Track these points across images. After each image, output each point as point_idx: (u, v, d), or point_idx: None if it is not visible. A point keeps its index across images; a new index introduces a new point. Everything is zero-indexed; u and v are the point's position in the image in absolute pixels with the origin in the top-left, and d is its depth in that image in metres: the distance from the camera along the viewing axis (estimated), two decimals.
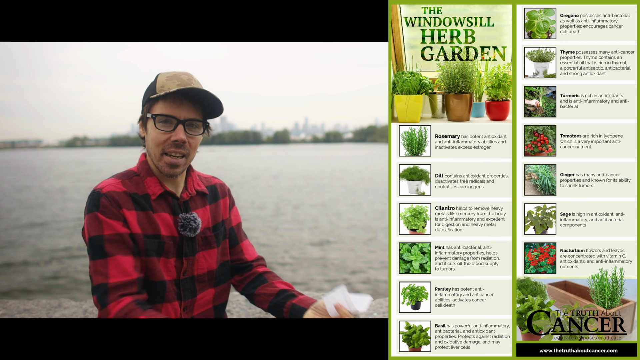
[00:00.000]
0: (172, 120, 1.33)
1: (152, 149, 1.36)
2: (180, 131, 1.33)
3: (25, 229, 12.05)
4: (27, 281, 7.44)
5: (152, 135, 1.34)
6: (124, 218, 1.32)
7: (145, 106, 1.37)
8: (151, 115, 1.34)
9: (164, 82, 1.35)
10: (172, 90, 1.30)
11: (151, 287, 1.34)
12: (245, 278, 1.57)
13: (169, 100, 1.32)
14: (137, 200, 1.35)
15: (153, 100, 1.34)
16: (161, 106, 1.33)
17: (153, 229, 1.35)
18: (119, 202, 1.32)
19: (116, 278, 1.26)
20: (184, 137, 1.33)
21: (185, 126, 1.34)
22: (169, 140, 1.33)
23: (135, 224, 1.33)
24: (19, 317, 2.37)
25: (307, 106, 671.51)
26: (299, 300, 1.45)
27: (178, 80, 1.34)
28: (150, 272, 1.34)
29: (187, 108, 1.34)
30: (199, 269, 1.44)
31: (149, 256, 1.34)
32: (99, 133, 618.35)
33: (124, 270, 1.27)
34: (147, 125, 1.36)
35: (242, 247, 1.59)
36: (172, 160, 1.34)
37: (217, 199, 1.54)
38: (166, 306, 1.37)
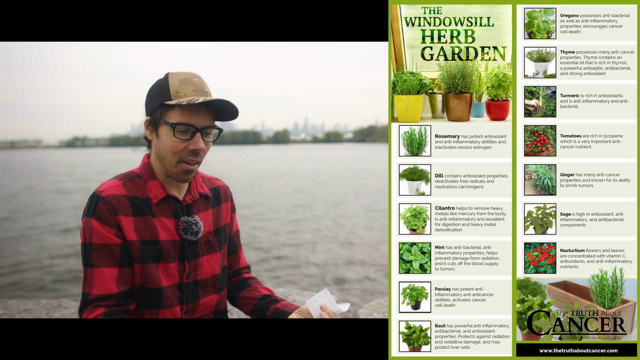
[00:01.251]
0: (191, 128, 1.30)
1: (167, 156, 1.33)
2: (199, 140, 1.31)
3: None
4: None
5: (169, 143, 1.31)
6: (119, 225, 1.31)
7: (157, 110, 1.33)
8: (170, 123, 1.30)
9: (179, 87, 1.31)
10: (199, 101, 1.27)
11: (147, 294, 1.34)
12: (231, 283, 1.60)
13: (187, 108, 1.30)
14: (137, 205, 1.34)
15: (169, 106, 1.31)
16: (178, 114, 1.30)
17: (151, 235, 1.34)
18: (116, 208, 1.31)
19: (97, 290, 1.28)
20: (203, 145, 1.32)
21: (202, 134, 1.32)
22: (186, 149, 1.31)
23: (131, 230, 1.32)
24: (19, 317, 2.38)
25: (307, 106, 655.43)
26: (282, 305, 1.47)
27: (192, 85, 1.32)
28: (146, 279, 1.33)
29: (204, 116, 1.32)
30: (203, 273, 1.43)
31: (145, 263, 1.33)
32: (99, 133, 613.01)
33: (105, 284, 1.28)
34: (160, 130, 1.33)
35: (239, 255, 1.61)
36: (189, 167, 1.33)
37: (220, 202, 1.52)
38: (164, 312, 1.35)
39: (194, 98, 1.29)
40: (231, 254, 1.58)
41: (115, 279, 1.29)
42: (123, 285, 1.30)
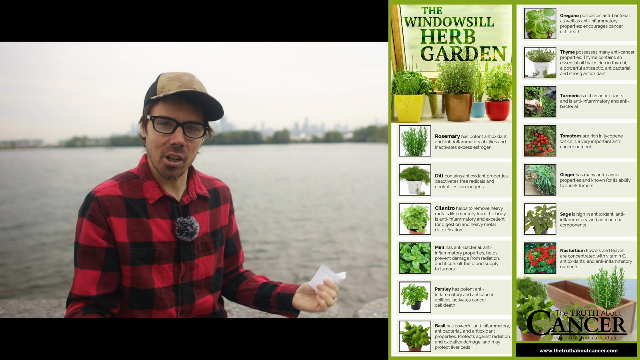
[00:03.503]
0: (172, 122, 1.31)
1: (151, 151, 1.35)
2: (179, 134, 1.31)
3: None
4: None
5: (152, 137, 1.33)
6: (109, 227, 1.31)
7: (145, 107, 1.36)
8: (150, 117, 1.32)
9: (165, 83, 1.33)
10: (171, 93, 1.28)
11: (138, 295, 1.34)
12: (228, 280, 1.60)
13: (169, 102, 1.30)
14: (131, 206, 1.34)
15: (153, 101, 1.33)
16: (161, 108, 1.31)
17: (144, 237, 1.34)
18: (108, 209, 1.31)
19: (77, 291, 1.31)
20: (182, 140, 1.31)
21: (184, 129, 1.32)
22: (167, 143, 1.31)
23: (123, 232, 1.32)
24: (19, 317, 2.38)
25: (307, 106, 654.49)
26: (282, 288, 1.48)
27: (179, 82, 1.32)
28: (137, 280, 1.33)
29: (186, 110, 1.32)
30: (198, 274, 1.42)
31: (136, 265, 1.33)
32: (99, 133, 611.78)
33: (85, 286, 1.30)
34: (148, 126, 1.35)
35: (238, 255, 1.61)
36: (170, 163, 1.33)
37: (219, 204, 1.51)
38: (157, 313, 1.35)
39: (172, 90, 1.30)
40: (230, 255, 1.58)
41: (97, 282, 1.31)
42: (104, 288, 1.32)
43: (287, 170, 35.50)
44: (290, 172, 32.65)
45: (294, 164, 45.26)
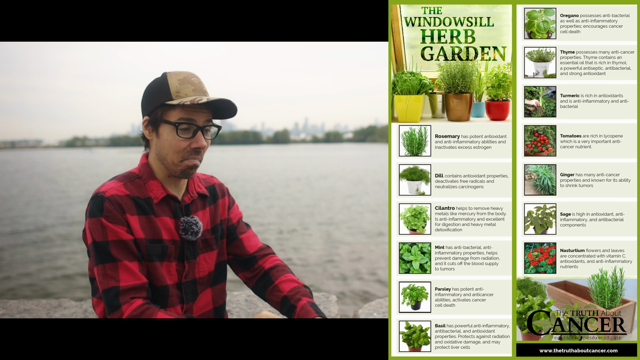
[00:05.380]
0: (192, 126, 1.33)
1: (168, 155, 1.35)
2: (200, 138, 1.34)
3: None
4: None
5: (171, 141, 1.33)
6: (127, 223, 1.32)
7: (158, 110, 1.34)
8: (173, 122, 1.32)
9: (179, 87, 1.33)
10: (202, 101, 1.29)
11: (155, 291, 1.35)
12: (254, 275, 1.54)
13: (189, 107, 1.32)
14: (140, 204, 1.35)
15: (170, 105, 1.33)
16: (179, 112, 1.32)
17: (155, 234, 1.36)
18: (122, 207, 1.32)
19: (127, 282, 1.28)
20: (204, 143, 1.35)
21: (203, 132, 1.35)
22: (189, 147, 1.34)
23: (138, 229, 1.33)
24: (19, 317, 2.38)
25: (307, 106, 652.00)
26: (298, 313, 1.39)
27: (191, 85, 1.35)
28: (153, 276, 1.34)
29: (204, 114, 1.35)
30: (200, 271, 1.44)
31: (152, 261, 1.34)
32: (99, 133, 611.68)
33: (134, 274, 1.29)
34: (161, 130, 1.35)
35: (242, 239, 1.56)
36: (193, 163, 1.36)
37: (216, 199, 1.54)
38: (169, 310, 1.37)
39: (196, 98, 1.31)
40: (233, 241, 1.55)
41: (139, 270, 1.31)
42: (146, 277, 1.32)
43: (297, 170, 35.50)
44: (293, 173, 32.65)
45: (299, 164, 45.26)
